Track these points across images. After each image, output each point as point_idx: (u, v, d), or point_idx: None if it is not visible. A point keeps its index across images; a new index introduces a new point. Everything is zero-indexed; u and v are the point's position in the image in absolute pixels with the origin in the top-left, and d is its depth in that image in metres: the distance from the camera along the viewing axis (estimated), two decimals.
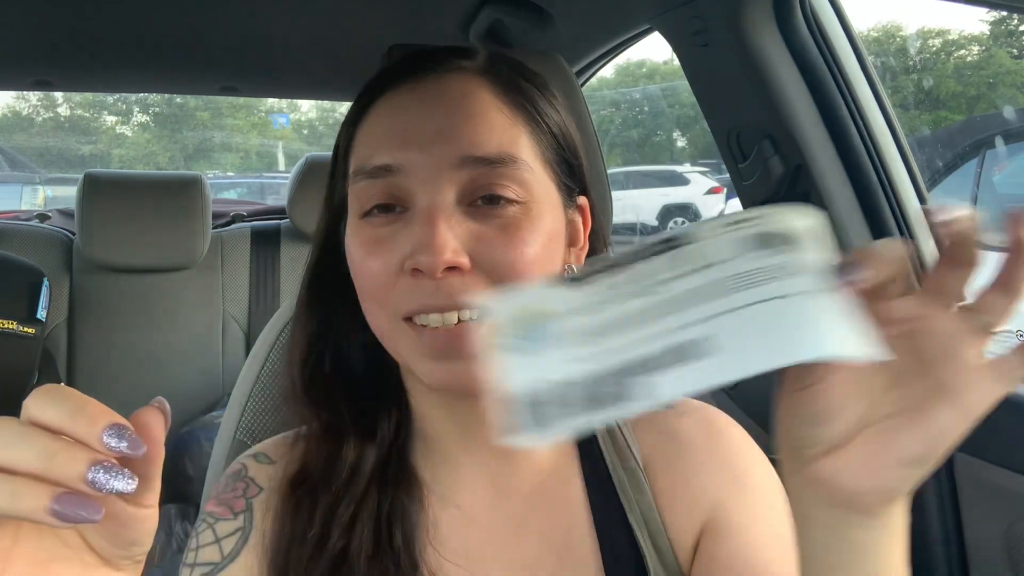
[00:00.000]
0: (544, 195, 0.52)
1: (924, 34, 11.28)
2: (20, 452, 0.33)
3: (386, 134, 0.51)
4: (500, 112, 0.52)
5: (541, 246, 0.51)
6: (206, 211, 1.97)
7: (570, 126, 0.57)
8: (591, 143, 1.05)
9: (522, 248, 0.49)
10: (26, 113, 17.74)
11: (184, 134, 18.13)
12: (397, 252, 0.49)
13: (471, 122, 0.50)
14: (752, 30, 1.00)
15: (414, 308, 0.49)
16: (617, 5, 1.27)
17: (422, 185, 0.49)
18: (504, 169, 0.50)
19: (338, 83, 1.90)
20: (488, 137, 0.50)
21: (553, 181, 0.54)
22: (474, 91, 0.52)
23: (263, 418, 0.76)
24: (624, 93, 14.44)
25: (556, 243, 0.53)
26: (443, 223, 0.48)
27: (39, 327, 1.54)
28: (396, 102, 0.52)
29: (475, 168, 0.49)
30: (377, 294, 0.51)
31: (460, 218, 0.49)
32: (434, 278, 0.48)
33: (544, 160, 0.53)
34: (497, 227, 0.49)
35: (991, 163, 3.02)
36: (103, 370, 1.90)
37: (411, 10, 1.40)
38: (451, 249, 0.47)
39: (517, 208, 0.50)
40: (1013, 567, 0.89)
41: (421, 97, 0.52)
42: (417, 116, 0.51)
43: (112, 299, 1.94)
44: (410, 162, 0.50)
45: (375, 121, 0.53)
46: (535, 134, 0.53)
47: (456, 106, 0.51)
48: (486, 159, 0.50)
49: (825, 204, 1.03)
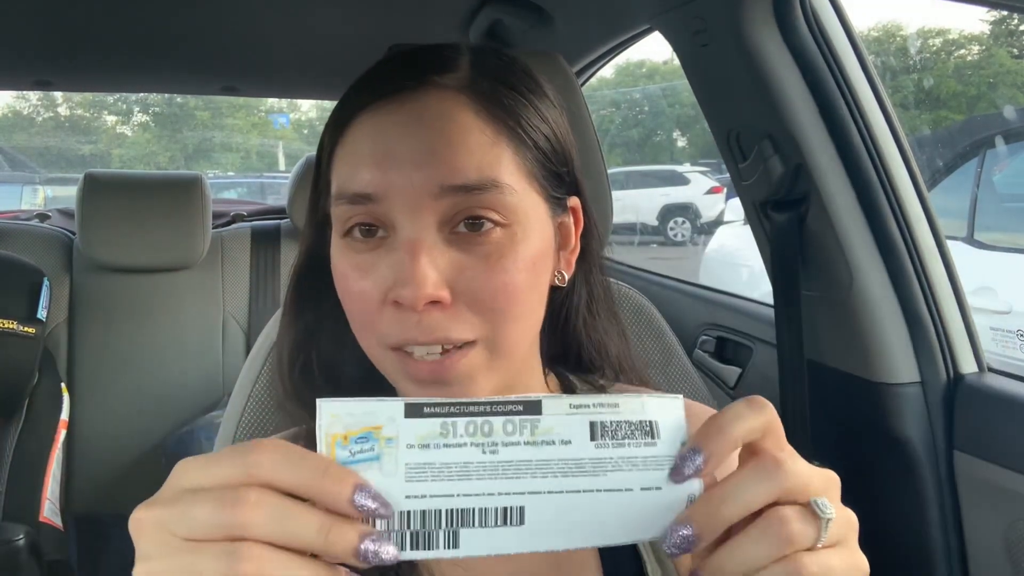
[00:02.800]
0: (530, 214, 0.51)
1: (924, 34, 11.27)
2: (297, 528, 0.34)
3: (365, 157, 0.50)
4: (482, 133, 0.50)
5: (525, 273, 0.50)
6: (206, 211, 1.97)
7: (561, 127, 0.56)
8: (591, 143, 1.05)
9: (504, 278, 0.49)
10: (26, 113, 17.72)
11: (184, 134, 18.12)
12: (380, 281, 0.49)
13: (450, 147, 0.49)
14: (752, 30, 1.00)
15: (399, 340, 0.49)
16: (617, 5, 1.27)
17: (403, 214, 0.49)
18: (485, 195, 0.49)
19: (338, 83, 1.88)
20: (467, 162, 0.49)
21: (540, 195, 0.53)
22: (453, 112, 0.51)
23: (263, 418, 0.76)
24: (624, 93, 14.43)
25: (543, 263, 0.53)
26: (424, 256, 0.47)
27: (39, 327, 1.54)
28: (375, 122, 0.51)
29: (455, 196, 0.48)
30: (363, 320, 0.51)
31: (442, 248, 0.49)
32: (416, 311, 0.48)
33: (530, 176, 0.52)
34: (480, 256, 0.49)
35: (991, 163, 3.01)
36: (103, 370, 1.90)
37: (411, 10, 1.40)
38: (432, 283, 0.47)
39: (501, 233, 0.49)
40: (1013, 567, 0.89)
41: (401, 119, 0.51)
42: (396, 140, 0.50)
43: (112, 299, 1.94)
44: (390, 190, 0.49)
45: (354, 140, 0.52)
46: (519, 150, 0.52)
47: (435, 129, 0.50)
48: (466, 187, 0.48)
49: (825, 204, 1.03)
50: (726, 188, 8.49)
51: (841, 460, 1.05)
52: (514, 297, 0.49)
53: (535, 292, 0.52)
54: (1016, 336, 2.40)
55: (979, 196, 2.92)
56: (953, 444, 0.97)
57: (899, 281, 1.01)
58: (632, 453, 0.38)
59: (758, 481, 0.37)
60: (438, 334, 0.48)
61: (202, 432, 1.75)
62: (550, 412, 0.38)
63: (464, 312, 0.49)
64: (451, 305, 0.48)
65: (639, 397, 0.39)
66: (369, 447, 0.37)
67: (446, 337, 0.48)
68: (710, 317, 1.47)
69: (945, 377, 1.00)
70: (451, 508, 0.37)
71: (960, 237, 2.76)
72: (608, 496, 0.38)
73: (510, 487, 0.37)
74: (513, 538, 0.37)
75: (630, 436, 0.38)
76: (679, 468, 0.38)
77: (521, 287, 0.50)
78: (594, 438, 0.38)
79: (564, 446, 0.38)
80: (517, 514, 0.37)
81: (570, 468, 0.38)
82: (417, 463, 0.37)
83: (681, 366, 0.93)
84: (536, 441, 0.38)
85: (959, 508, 0.97)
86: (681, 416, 0.39)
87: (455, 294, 0.48)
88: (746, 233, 1.26)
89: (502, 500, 0.37)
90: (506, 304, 0.49)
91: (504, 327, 0.50)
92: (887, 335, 1.01)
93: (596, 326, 0.62)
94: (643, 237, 9.24)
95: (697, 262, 5.16)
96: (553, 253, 0.55)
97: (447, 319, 0.48)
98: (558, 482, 0.37)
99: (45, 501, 1.52)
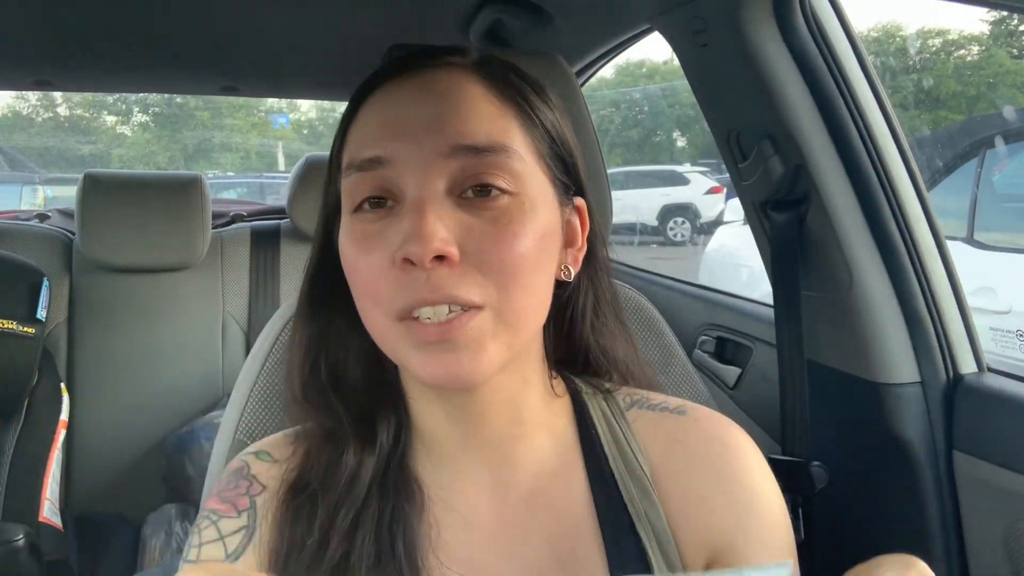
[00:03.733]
0: (537, 189, 0.52)
1: (924, 34, 11.27)
2: None
3: (375, 127, 0.51)
4: (491, 103, 0.52)
5: (533, 240, 0.50)
6: (206, 211, 1.97)
7: (565, 127, 0.57)
8: (591, 143, 1.05)
9: (512, 241, 0.49)
10: (26, 113, 17.71)
11: (184, 134, 18.10)
12: (388, 246, 0.49)
13: (460, 112, 0.50)
14: (752, 30, 1.00)
15: (407, 304, 0.49)
16: (617, 5, 1.27)
17: (411, 176, 0.49)
18: (494, 158, 0.50)
19: (338, 83, 1.90)
20: (478, 126, 0.50)
21: (547, 175, 0.54)
22: (464, 83, 0.52)
23: (263, 418, 0.76)
24: (624, 93, 14.42)
25: (551, 240, 0.53)
26: (432, 213, 0.48)
27: (39, 327, 1.54)
28: (386, 96, 0.53)
29: (465, 157, 0.49)
30: (370, 290, 0.51)
31: (450, 209, 0.49)
32: (424, 268, 0.47)
33: (537, 153, 0.53)
34: (488, 220, 0.49)
35: (991, 163, 3.01)
36: (103, 370, 1.90)
37: (411, 10, 1.40)
38: (440, 238, 0.47)
39: (509, 200, 0.50)
40: (1013, 567, 0.89)
41: (410, 89, 0.52)
42: (406, 107, 0.51)
43: (112, 299, 1.94)
44: (399, 153, 0.49)
45: (365, 116, 0.53)
46: (527, 127, 0.53)
47: (445, 97, 0.51)
48: (476, 147, 0.49)
49: (825, 204, 1.03)
50: (726, 188, 8.49)
51: (841, 460, 1.05)
52: (521, 263, 0.49)
53: (542, 268, 0.52)
54: (1016, 336, 2.40)
55: (979, 196, 2.92)
56: (953, 444, 0.97)
57: (899, 281, 1.01)
58: None
59: None
60: (445, 291, 0.48)
61: (202, 432, 1.75)
62: None
63: (472, 272, 0.49)
64: (459, 264, 0.48)
65: (739, 572, 0.36)
66: None
67: (453, 295, 0.48)
68: (710, 317, 1.47)
69: (945, 377, 1.00)
70: None
71: (960, 237, 2.76)
72: None
73: None
74: None
75: None
76: None
77: (528, 254, 0.50)
78: None
79: None
80: None
81: None
82: None
83: (681, 366, 0.93)
84: None
85: (959, 508, 0.96)
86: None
87: (463, 254, 0.48)
88: (746, 233, 1.26)
89: None
90: (514, 269, 0.49)
91: (511, 294, 0.50)
92: (887, 335, 1.01)
93: (603, 330, 0.62)
94: (643, 237, 9.24)
95: (697, 262, 5.15)
96: (560, 241, 0.55)
97: (455, 277, 0.48)
98: None
99: (45, 501, 1.51)
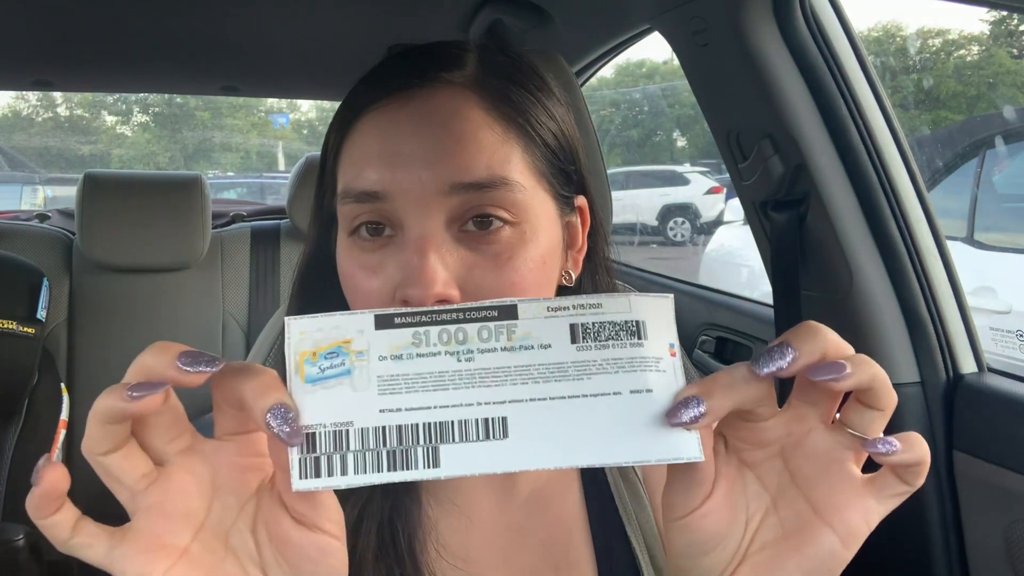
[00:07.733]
0: (539, 212, 0.51)
1: (924, 34, 11.27)
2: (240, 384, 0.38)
3: (373, 155, 0.50)
4: (491, 130, 0.50)
5: (534, 272, 0.50)
6: (206, 211, 1.97)
7: (568, 125, 0.56)
8: (591, 143, 1.05)
9: (513, 278, 0.48)
10: (26, 113, 17.73)
11: (184, 134, 18.13)
12: (388, 280, 0.49)
13: (460, 145, 0.49)
14: (752, 30, 1.00)
15: None
16: (617, 5, 1.27)
17: (411, 212, 0.48)
18: (495, 193, 0.48)
19: (338, 83, 1.90)
20: (478, 159, 0.48)
21: (549, 193, 0.53)
22: (463, 109, 0.50)
23: None
24: (624, 93, 14.43)
25: (551, 261, 0.52)
26: (433, 254, 0.47)
27: (39, 327, 1.54)
28: (383, 117, 0.50)
29: (465, 194, 0.48)
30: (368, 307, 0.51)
31: (451, 246, 0.48)
32: None
33: (538, 174, 0.52)
34: (490, 255, 0.48)
35: (991, 163, 3.01)
36: (103, 370, 1.90)
37: (411, 10, 1.40)
38: (441, 282, 0.46)
39: (510, 231, 0.49)
40: (1013, 567, 0.89)
41: (409, 116, 0.50)
42: (404, 138, 0.49)
43: (112, 299, 1.94)
44: (398, 187, 0.48)
45: (361, 138, 0.51)
46: (528, 148, 0.51)
47: (444, 127, 0.49)
48: (476, 184, 0.48)
49: (825, 204, 1.03)
50: (726, 188, 8.49)
51: None
52: (522, 294, 0.49)
53: (544, 291, 0.52)
54: (1016, 336, 2.40)
55: (979, 196, 2.92)
56: (953, 444, 0.97)
57: (899, 281, 1.01)
58: (618, 355, 0.36)
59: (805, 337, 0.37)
60: None
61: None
62: (527, 316, 0.36)
63: None
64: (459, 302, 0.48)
65: (626, 296, 0.37)
66: (340, 362, 0.35)
67: None
68: (710, 317, 1.47)
69: (945, 377, 1.00)
70: (429, 421, 0.35)
71: (960, 237, 2.76)
72: (595, 402, 0.35)
73: (489, 396, 0.35)
74: (498, 455, 0.34)
75: (615, 337, 0.36)
76: (674, 412, 0.35)
77: (530, 287, 0.49)
78: (575, 340, 0.36)
79: (544, 350, 0.36)
80: (499, 426, 0.35)
81: (552, 373, 0.35)
82: (390, 375, 0.35)
83: None
84: (513, 347, 0.36)
85: (959, 508, 0.97)
86: (671, 314, 0.37)
87: (464, 293, 0.48)
88: (746, 233, 1.26)
89: (482, 411, 0.35)
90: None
91: None
92: (887, 335, 1.01)
93: None
94: (643, 237, 9.24)
95: (697, 262, 5.16)
96: (561, 252, 0.55)
97: None
98: (540, 388, 0.35)
99: None
